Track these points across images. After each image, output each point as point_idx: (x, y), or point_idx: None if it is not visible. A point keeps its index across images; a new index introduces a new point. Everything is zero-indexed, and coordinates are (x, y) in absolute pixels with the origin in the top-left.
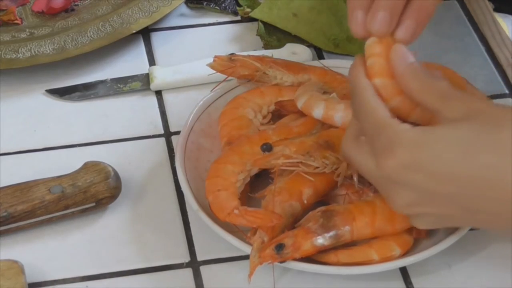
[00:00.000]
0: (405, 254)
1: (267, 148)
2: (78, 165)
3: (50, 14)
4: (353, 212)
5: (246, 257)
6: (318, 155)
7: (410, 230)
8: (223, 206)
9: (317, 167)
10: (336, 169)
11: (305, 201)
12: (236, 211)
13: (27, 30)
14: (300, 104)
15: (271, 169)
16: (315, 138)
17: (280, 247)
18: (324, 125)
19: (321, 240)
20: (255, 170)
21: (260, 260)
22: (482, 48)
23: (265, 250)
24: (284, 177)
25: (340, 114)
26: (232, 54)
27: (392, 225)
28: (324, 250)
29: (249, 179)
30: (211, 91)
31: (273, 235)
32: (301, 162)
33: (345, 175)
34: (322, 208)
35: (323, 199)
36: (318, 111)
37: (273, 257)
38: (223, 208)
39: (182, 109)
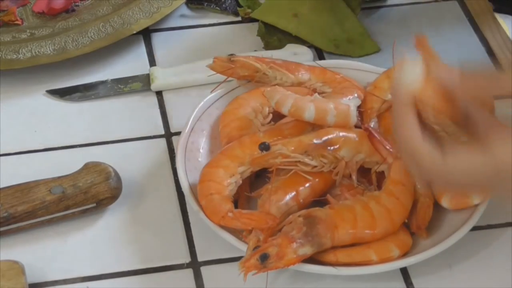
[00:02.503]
0: (405, 255)
1: (265, 147)
2: (78, 165)
3: (51, 14)
4: (335, 219)
5: None
6: (316, 154)
7: (409, 231)
8: (217, 209)
9: (315, 166)
10: (334, 168)
11: (301, 200)
12: (230, 214)
13: (28, 30)
14: (285, 109)
15: (270, 168)
16: (312, 137)
17: (264, 257)
18: (315, 126)
19: (304, 250)
20: (247, 173)
21: (244, 270)
22: (483, 49)
23: (250, 260)
24: (282, 176)
25: (332, 113)
26: (231, 55)
27: (372, 232)
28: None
29: (241, 181)
30: (211, 92)
31: (268, 233)
32: (299, 161)
33: (343, 174)
34: (303, 212)
35: (321, 199)
36: (308, 114)
37: (257, 267)
38: (216, 212)
39: (183, 109)
